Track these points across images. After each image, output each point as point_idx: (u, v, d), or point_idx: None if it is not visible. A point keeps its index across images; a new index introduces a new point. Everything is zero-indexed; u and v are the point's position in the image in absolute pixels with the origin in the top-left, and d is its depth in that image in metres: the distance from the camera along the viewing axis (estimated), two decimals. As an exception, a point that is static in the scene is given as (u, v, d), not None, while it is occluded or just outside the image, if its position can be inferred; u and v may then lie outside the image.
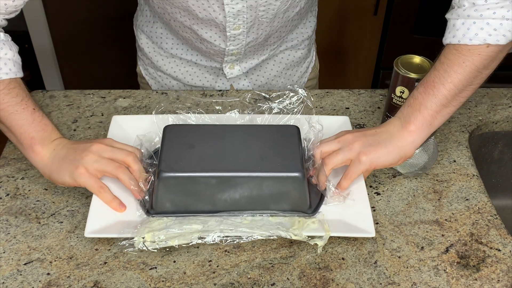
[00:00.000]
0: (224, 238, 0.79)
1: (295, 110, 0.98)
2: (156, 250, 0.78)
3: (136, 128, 0.94)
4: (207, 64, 1.13)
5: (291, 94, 1.02)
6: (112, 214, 0.82)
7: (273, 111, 0.98)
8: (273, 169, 0.80)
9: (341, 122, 0.99)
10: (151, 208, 0.82)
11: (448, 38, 0.82)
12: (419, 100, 0.83)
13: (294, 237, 0.79)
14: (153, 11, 1.10)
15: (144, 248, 0.78)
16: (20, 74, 0.85)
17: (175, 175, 0.79)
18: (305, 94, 1.00)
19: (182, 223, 0.80)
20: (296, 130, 0.87)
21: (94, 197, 0.84)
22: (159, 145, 0.90)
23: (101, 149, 0.83)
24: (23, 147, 0.84)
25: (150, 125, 0.96)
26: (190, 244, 0.78)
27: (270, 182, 0.80)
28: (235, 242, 0.80)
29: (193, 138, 0.84)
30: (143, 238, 0.78)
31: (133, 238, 0.78)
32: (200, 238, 0.79)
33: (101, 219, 0.81)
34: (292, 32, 1.15)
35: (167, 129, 0.86)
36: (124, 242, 0.79)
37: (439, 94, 0.82)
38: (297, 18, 1.08)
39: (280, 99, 1.02)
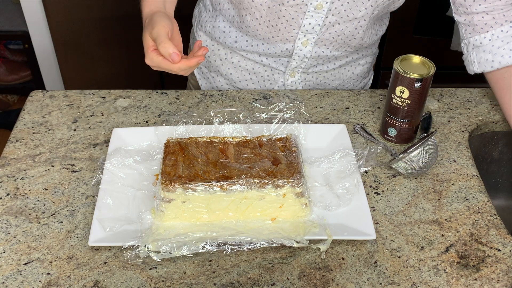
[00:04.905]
0: (227, 246, 0.80)
1: (290, 116, 1.00)
2: (160, 260, 0.79)
3: (137, 140, 0.96)
4: (267, 63, 1.12)
5: (286, 105, 1.04)
6: (116, 223, 0.82)
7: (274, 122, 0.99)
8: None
9: (338, 130, 0.99)
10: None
11: None
12: None
13: (296, 245, 0.79)
14: (215, 4, 1.11)
15: (149, 257, 0.78)
16: None
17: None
18: (302, 108, 1.04)
19: (186, 231, 0.81)
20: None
21: (97, 204, 0.84)
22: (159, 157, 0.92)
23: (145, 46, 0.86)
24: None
25: (151, 136, 0.96)
26: (193, 253, 0.79)
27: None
28: (235, 249, 0.80)
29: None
30: (147, 247, 0.78)
31: (138, 247, 0.78)
32: (203, 247, 0.79)
33: (104, 227, 0.81)
34: (361, 45, 1.13)
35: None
36: (129, 252, 0.78)
37: None
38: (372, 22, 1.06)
39: (276, 109, 1.04)
